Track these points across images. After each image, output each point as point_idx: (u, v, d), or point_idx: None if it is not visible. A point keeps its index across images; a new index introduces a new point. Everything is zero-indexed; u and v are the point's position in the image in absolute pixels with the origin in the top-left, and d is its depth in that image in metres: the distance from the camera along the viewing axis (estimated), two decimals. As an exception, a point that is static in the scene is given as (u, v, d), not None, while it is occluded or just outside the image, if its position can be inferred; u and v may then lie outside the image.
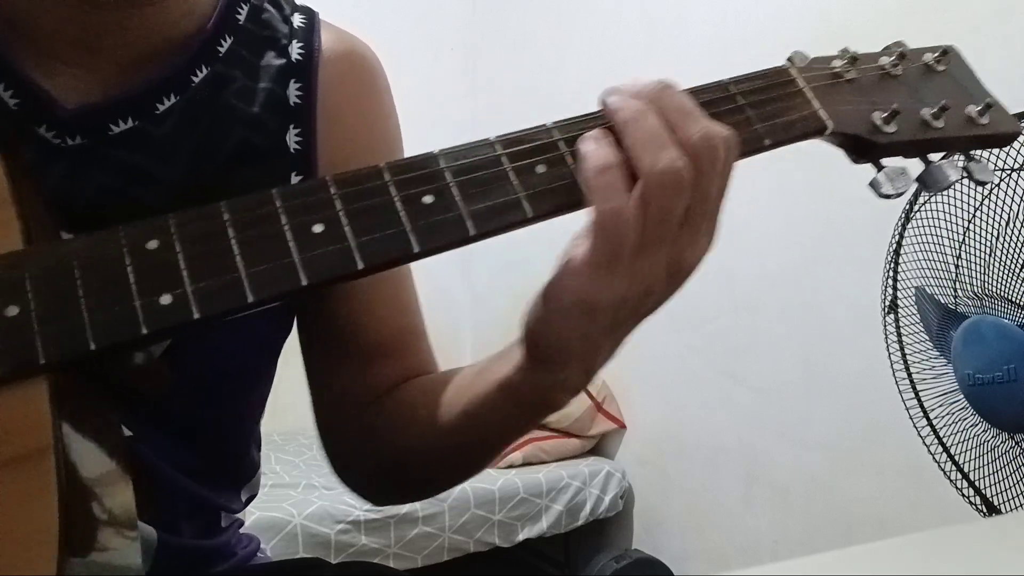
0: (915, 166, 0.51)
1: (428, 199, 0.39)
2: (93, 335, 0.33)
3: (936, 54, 0.53)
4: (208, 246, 0.36)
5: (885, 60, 0.52)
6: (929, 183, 0.49)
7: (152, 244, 0.36)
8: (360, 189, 0.39)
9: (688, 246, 0.40)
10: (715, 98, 0.45)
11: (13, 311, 0.33)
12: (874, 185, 0.48)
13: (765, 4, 1.95)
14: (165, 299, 0.34)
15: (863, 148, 0.49)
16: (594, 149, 0.40)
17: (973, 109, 0.51)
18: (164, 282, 0.35)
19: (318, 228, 0.37)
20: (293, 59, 0.59)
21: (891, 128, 0.48)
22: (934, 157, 0.51)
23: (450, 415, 0.52)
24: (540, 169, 0.41)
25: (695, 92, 0.45)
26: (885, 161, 0.49)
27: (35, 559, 0.29)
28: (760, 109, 0.46)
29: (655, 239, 0.39)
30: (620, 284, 0.39)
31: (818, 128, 0.47)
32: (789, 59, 0.50)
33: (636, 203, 0.38)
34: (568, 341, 0.41)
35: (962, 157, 0.51)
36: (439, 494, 0.63)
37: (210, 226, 0.36)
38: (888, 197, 0.48)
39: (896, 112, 0.49)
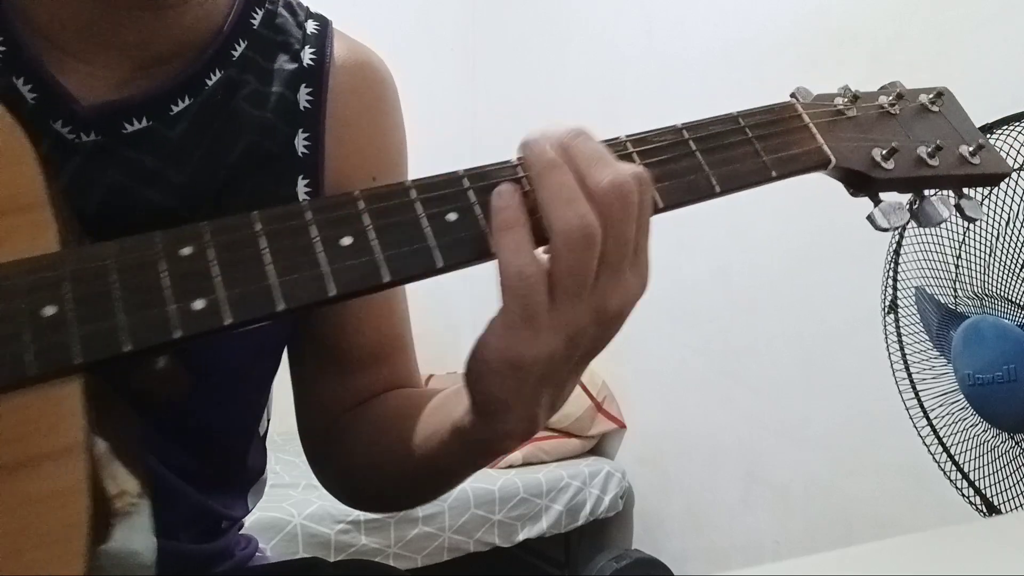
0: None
1: (452, 217, 0.40)
2: (128, 337, 0.34)
3: (931, 95, 0.55)
4: (241, 254, 0.37)
5: (884, 99, 0.54)
6: (922, 218, 0.52)
7: (186, 251, 0.36)
8: (388, 205, 0.40)
9: (612, 293, 0.39)
10: (725, 130, 0.47)
11: (51, 311, 0.34)
12: (871, 219, 0.50)
13: (765, 4, 1.95)
14: (198, 304, 0.35)
15: (862, 183, 0.51)
16: (501, 207, 0.39)
17: (966, 149, 0.53)
18: (197, 288, 0.36)
19: (346, 241, 0.38)
20: (305, 64, 0.60)
21: (889, 165, 0.50)
22: (927, 193, 0.53)
23: (411, 443, 0.53)
24: None
25: (706, 124, 0.46)
26: (882, 195, 0.51)
27: (64, 554, 0.30)
28: (768, 142, 0.47)
29: (570, 294, 0.38)
30: (543, 342, 0.38)
31: (822, 162, 0.49)
32: (793, 95, 0.52)
33: (543, 262, 0.38)
34: (502, 397, 0.40)
35: (953, 194, 0.53)
36: (401, 509, 0.63)
37: (243, 235, 0.37)
38: (884, 230, 0.50)
39: (895, 150, 0.51)
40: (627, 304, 0.40)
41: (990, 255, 1.10)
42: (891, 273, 1.23)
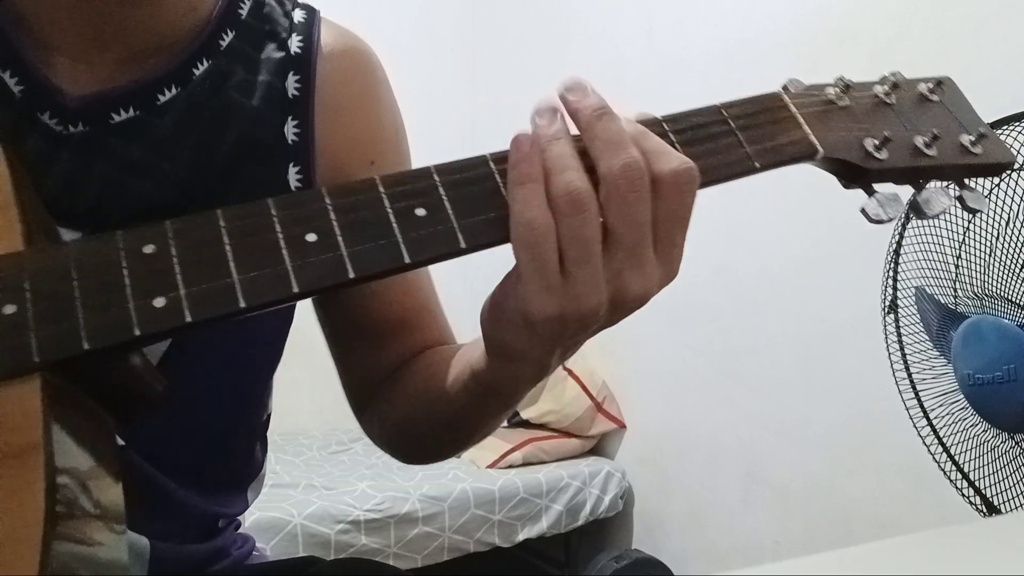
0: (906, 192, 0.51)
1: (421, 212, 0.40)
2: (87, 336, 0.34)
3: (931, 84, 0.53)
4: (203, 252, 0.36)
5: (879, 89, 0.52)
6: (920, 210, 0.50)
7: (148, 248, 0.36)
8: (354, 200, 0.39)
9: (628, 271, 0.40)
10: (707, 121, 0.46)
11: (10, 310, 0.34)
12: (865, 211, 0.48)
13: (765, 4, 1.95)
14: (159, 302, 0.35)
15: (854, 174, 0.49)
16: (517, 160, 0.40)
17: (966, 138, 0.51)
18: (158, 285, 0.35)
19: (311, 237, 0.38)
20: (292, 52, 0.60)
21: (883, 155, 0.49)
22: (924, 183, 0.51)
23: (439, 392, 0.54)
24: None
25: (687, 115, 0.46)
26: (876, 187, 0.49)
27: (19, 554, 0.29)
28: (750, 132, 0.46)
29: (577, 261, 0.39)
30: (555, 303, 0.39)
31: (808, 152, 0.48)
32: (784, 86, 0.50)
33: (549, 218, 0.39)
34: (513, 345, 0.42)
35: (954, 185, 0.51)
36: (448, 457, 0.64)
37: (206, 233, 0.37)
38: (879, 223, 0.48)
39: (888, 139, 0.49)
40: (648, 291, 0.41)
41: (990, 255, 1.10)
42: (891, 273, 1.23)
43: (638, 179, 0.39)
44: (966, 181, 0.52)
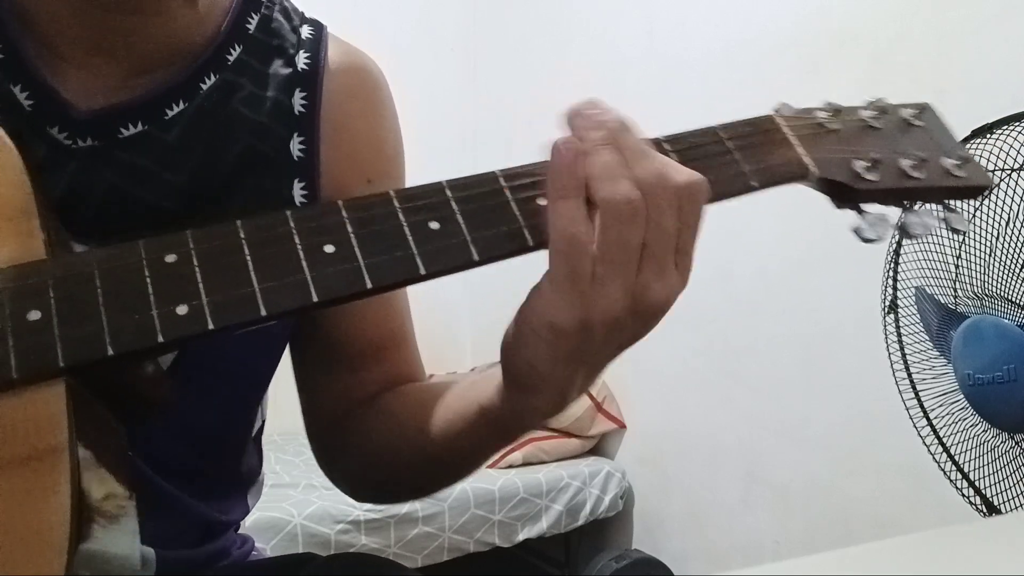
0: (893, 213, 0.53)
1: (435, 225, 0.41)
2: (111, 341, 0.34)
3: (914, 110, 0.55)
4: (224, 261, 0.37)
5: (866, 113, 0.54)
6: (908, 230, 0.52)
7: (170, 257, 0.37)
8: (370, 214, 0.40)
9: (654, 280, 0.41)
10: (705, 142, 0.48)
11: (35, 315, 0.34)
12: (857, 231, 0.51)
13: (766, 5, 1.95)
14: (182, 309, 0.36)
15: (845, 194, 0.51)
16: (558, 172, 0.41)
17: (949, 162, 0.53)
18: (181, 293, 0.36)
19: (329, 248, 0.39)
20: (299, 69, 0.60)
21: (872, 176, 0.51)
22: (908, 204, 0.54)
23: (435, 430, 0.54)
24: (541, 201, 0.43)
25: (685, 136, 0.47)
26: (866, 208, 0.52)
27: (45, 553, 0.30)
28: (746, 152, 0.48)
29: (614, 268, 0.40)
30: (582, 309, 0.39)
31: (802, 173, 0.50)
32: (775, 109, 0.52)
33: (592, 230, 0.40)
34: (538, 364, 0.42)
35: (939, 207, 0.54)
36: (421, 498, 0.64)
37: (227, 243, 0.38)
38: (870, 242, 0.51)
39: (877, 161, 0.51)
40: (668, 299, 0.42)
41: (990, 255, 1.10)
42: (891, 273, 1.24)
43: (671, 186, 0.41)
44: (948, 203, 0.54)
